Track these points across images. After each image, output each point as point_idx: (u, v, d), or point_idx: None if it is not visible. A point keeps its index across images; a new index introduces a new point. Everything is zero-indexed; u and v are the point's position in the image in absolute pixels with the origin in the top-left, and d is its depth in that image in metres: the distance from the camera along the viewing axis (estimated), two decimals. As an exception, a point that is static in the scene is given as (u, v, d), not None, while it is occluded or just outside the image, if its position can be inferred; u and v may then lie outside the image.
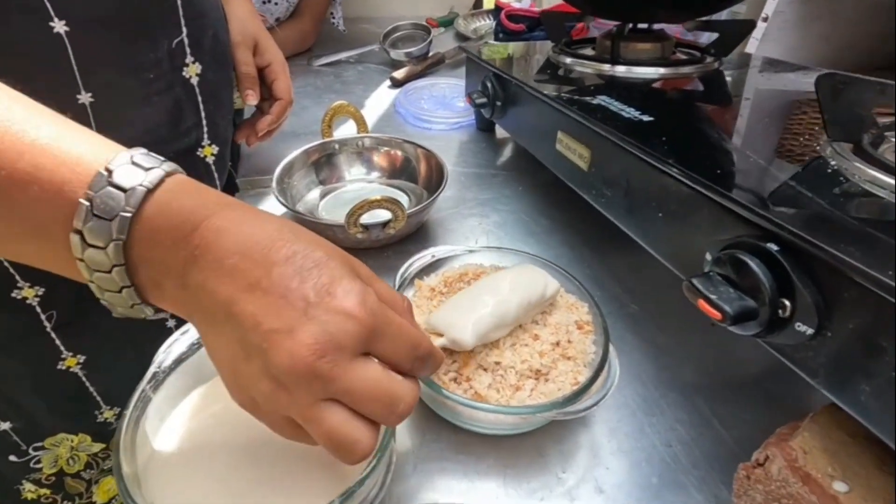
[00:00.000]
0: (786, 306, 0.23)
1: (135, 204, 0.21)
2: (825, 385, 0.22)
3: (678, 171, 0.29)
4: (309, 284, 0.21)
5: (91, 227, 0.20)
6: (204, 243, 0.21)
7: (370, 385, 0.22)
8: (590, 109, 0.39)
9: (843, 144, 0.30)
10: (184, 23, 0.40)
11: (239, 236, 0.22)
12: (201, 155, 0.46)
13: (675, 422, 0.34)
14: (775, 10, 0.80)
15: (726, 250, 0.25)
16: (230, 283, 0.21)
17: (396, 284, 0.38)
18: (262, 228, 0.22)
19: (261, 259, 0.21)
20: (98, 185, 0.21)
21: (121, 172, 0.21)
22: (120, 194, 0.21)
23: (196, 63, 0.42)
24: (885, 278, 0.19)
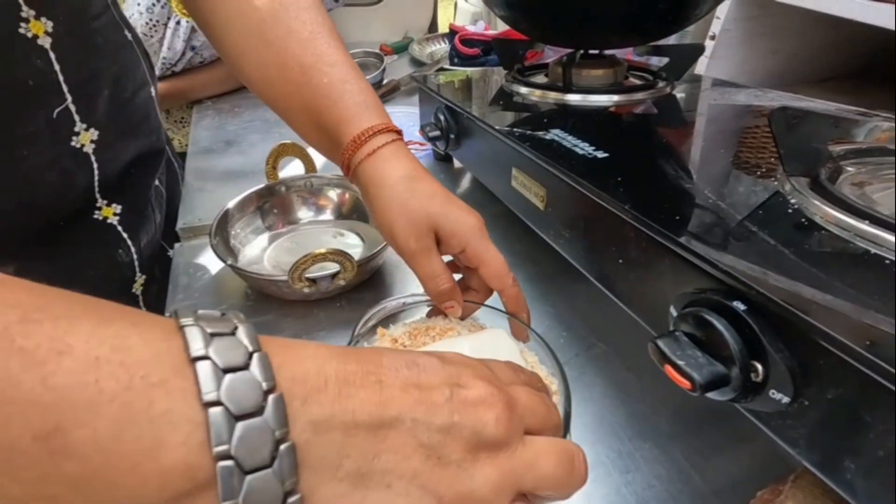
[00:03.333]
0: (758, 370, 0.21)
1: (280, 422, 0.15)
2: (807, 458, 0.20)
3: (635, 218, 0.27)
4: (419, 358, 0.19)
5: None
6: (277, 364, 0.15)
7: (532, 394, 0.21)
8: (543, 146, 0.37)
9: (801, 179, 0.29)
10: (67, 90, 0.36)
11: (308, 351, 0.17)
12: (98, 217, 0.41)
13: (653, 478, 0.32)
14: (722, 28, 0.82)
15: (690, 307, 0.23)
16: (351, 395, 0.16)
17: (358, 330, 0.35)
18: (318, 347, 0.18)
19: (357, 361, 0.17)
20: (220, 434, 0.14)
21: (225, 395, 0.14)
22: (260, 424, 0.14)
23: (90, 130, 0.38)
24: (862, 350, 0.17)
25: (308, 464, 0.15)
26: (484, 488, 0.17)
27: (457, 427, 0.17)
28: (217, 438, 0.13)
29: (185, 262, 0.49)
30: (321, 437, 0.15)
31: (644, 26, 0.48)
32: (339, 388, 0.16)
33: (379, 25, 1.17)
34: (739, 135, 0.40)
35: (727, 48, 0.85)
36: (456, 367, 0.19)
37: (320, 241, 0.49)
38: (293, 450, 0.14)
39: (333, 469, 0.15)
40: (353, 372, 0.17)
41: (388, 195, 0.34)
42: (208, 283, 0.46)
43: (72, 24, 0.36)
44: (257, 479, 0.14)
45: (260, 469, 0.14)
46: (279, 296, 0.43)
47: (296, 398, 0.15)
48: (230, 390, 0.14)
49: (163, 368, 0.14)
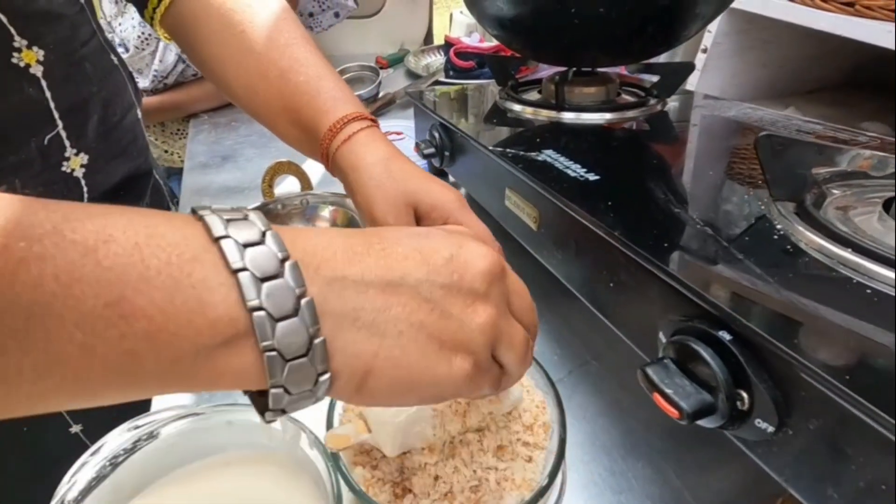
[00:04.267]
0: (744, 399, 0.21)
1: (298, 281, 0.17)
2: (792, 485, 0.21)
3: (624, 244, 0.28)
4: (423, 230, 0.21)
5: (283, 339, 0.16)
6: (290, 239, 0.18)
7: (523, 288, 0.24)
8: (536, 168, 0.38)
9: (787, 204, 0.29)
10: (57, 116, 0.36)
11: (320, 235, 0.19)
12: None
13: (646, 498, 0.32)
14: (713, 41, 0.83)
15: (678, 335, 0.24)
16: (360, 259, 0.19)
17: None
18: (332, 230, 0.21)
19: (362, 234, 0.20)
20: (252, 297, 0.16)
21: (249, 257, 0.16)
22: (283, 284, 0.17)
23: (80, 154, 0.38)
24: (842, 385, 0.18)
25: (328, 314, 0.17)
26: (477, 335, 0.20)
27: (456, 284, 0.20)
28: (248, 295, 0.16)
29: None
30: (336, 293, 0.18)
31: (635, 46, 0.49)
32: (348, 256, 0.19)
33: (375, 37, 1.17)
34: (729, 155, 0.41)
35: (718, 61, 0.86)
36: (460, 234, 0.22)
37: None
38: (312, 303, 0.17)
39: (351, 319, 0.18)
40: (359, 243, 0.19)
41: (366, 177, 0.35)
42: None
43: (62, 52, 0.37)
44: (286, 325, 0.16)
45: (287, 318, 0.16)
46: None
47: (309, 266, 0.18)
48: (252, 260, 0.16)
49: (193, 247, 0.16)
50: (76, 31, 0.39)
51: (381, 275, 0.19)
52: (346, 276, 0.18)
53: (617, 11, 0.43)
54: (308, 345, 0.17)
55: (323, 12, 0.97)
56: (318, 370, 0.17)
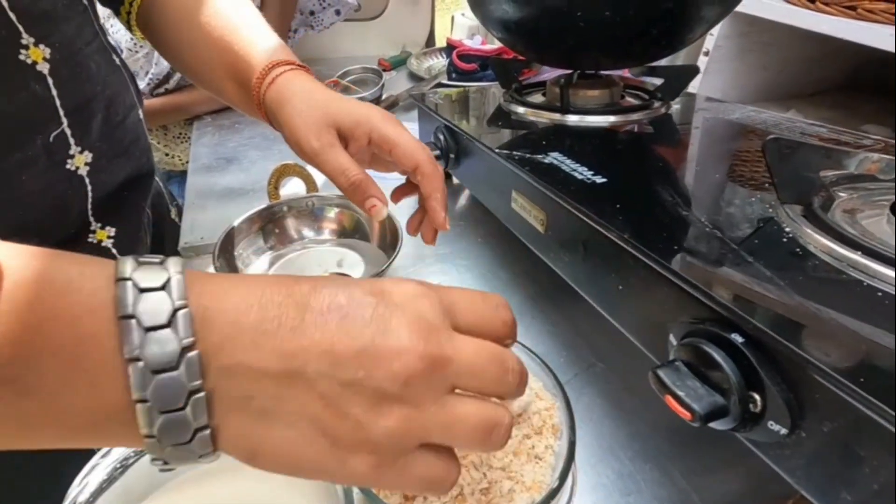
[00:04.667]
0: (756, 401, 0.22)
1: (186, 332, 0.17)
2: (804, 487, 0.21)
3: (633, 246, 0.28)
4: (358, 293, 0.19)
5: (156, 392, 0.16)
6: (201, 313, 0.17)
7: (480, 349, 0.20)
8: (542, 171, 0.38)
9: (794, 207, 0.29)
10: (63, 113, 0.36)
11: (241, 292, 0.18)
12: (93, 240, 0.42)
13: (654, 500, 0.33)
14: (715, 44, 0.84)
15: (689, 337, 0.24)
16: (265, 340, 0.17)
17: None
18: (259, 280, 0.19)
19: (286, 301, 0.18)
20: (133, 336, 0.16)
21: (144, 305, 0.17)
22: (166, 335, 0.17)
23: (84, 152, 0.39)
24: (856, 387, 0.18)
25: (220, 400, 0.17)
26: (381, 439, 0.18)
27: (360, 382, 0.18)
28: (135, 388, 0.16)
29: (186, 283, 0.49)
30: (231, 381, 0.17)
31: (639, 49, 0.49)
32: (253, 337, 0.18)
33: (377, 39, 1.18)
34: (734, 157, 0.41)
35: (719, 64, 0.87)
36: (389, 312, 0.19)
37: (322, 261, 0.49)
38: (203, 399, 0.17)
39: (243, 405, 0.17)
40: (273, 318, 0.18)
41: (289, 109, 0.36)
42: (211, 303, 0.47)
43: (67, 51, 0.37)
44: (171, 417, 0.16)
45: (174, 411, 0.16)
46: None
47: (210, 347, 0.17)
48: (149, 351, 0.16)
49: (96, 322, 0.16)
50: (80, 30, 0.39)
51: (279, 363, 0.17)
52: (244, 362, 0.17)
53: (622, 14, 0.44)
54: (192, 435, 0.17)
55: (324, 10, 0.97)
56: (199, 454, 0.17)
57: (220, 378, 0.17)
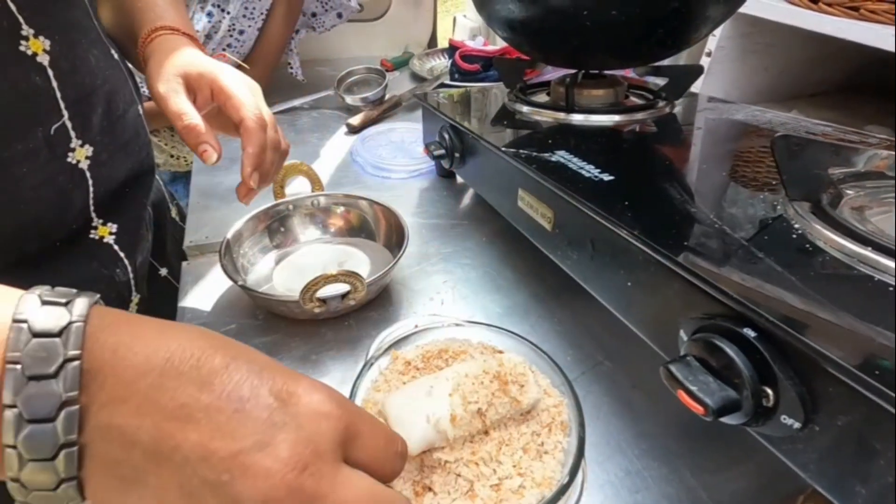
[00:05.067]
0: (769, 396, 0.22)
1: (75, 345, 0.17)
2: (817, 481, 0.21)
3: (644, 242, 0.28)
4: (265, 389, 0.18)
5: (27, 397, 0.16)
6: (97, 366, 0.17)
7: (364, 495, 0.18)
8: (550, 169, 0.38)
9: (803, 204, 0.29)
10: (64, 106, 0.37)
11: (149, 349, 0.18)
12: (95, 237, 0.42)
13: (662, 497, 0.32)
14: (717, 45, 0.84)
15: (701, 332, 0.24)
16: (151, 410, 0.17)
17: (370, 353, 0.36)
18: (179, 336, 0.18)
19: (191, 372, 0.17)
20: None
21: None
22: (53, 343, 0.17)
23: (85, 146, 0.39)
24: (871, 379, 0.18)
25: (91, 456, 0.17)
26: None
27: (222, 486, 0.17)
28: (6, 436, 0.16)
29: (192, 282, 0.49)
30: (104, 440, 0.17)
31: (645, 49, 0.49)
32: (142, 401, 0.17)
33: (379, 40, 1.18)
34: (740, 156, 0.41)
35: (721, 64, 0.87)
36: (282, 423, 0.18)
37: (328, 259, 0.49)
38: (73, 454, 0.16)
39: (110, 466, 0.17)
40: (169, 388, 0.17)
41: (152, 62, 0.40)
42: (217, 301, 0.47)
43: (67, 43, 0.37)
44: (37, 466, 0.16)
45: (41, 460, 0.16)
46: (288, 315, 0.43)
47: (97, 402, 0.17)
48: (26, 400, 0.16)
49: None
50: (80, 22, 0.39)
51: (153, 439, 0.17)
52: (122, 427, 0.17)
53: (628, 14, 0.44)
54: (57, 484, 0.17)
55: (326, 13, 0.97)
56: (66, 502, 0.17)
57: (96, 435, 0.17)
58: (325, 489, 0.17)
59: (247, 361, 0.19)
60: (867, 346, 0.20)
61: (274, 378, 0.19)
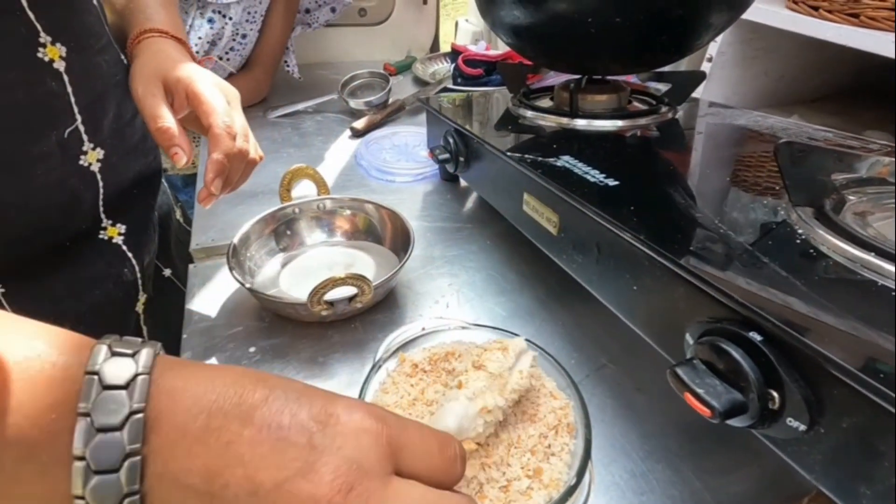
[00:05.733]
0: (775, 398, 0.22)
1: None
2: (823, 483, 0.21)
3: (649, 247, 0.28)
4: (304, 415, 0.18)
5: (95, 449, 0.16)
6: (155, 414, 0.17)
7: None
8: (555, 174, 0.39)
9: (806, 210, 0.30)
10: (77, 111, 0.38)
11: (199, 391, 0.18)
12: (104, 237, 0.43)
13: (667, 499, 0.33)
14: (718, 50, 0.85)
15: (707, 336, 0.24)
16: (201, 452, 0.17)
17: (378, 355, 0.36)
18: (224, 376, 0.19)
19: (233, 410, 0.18)
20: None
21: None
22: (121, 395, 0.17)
23: (97, 149, 0.40)
24: (874, 381, 0.18)
25: (150, 501, 0.17)
26: None
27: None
28: (75, 486, 0.16)
29: (199, 284, 0.50)
30: (160, 486, 0.17)
31: (648, 55, 0.50)
32: (193, 444, 0.17)
33: (382, 45, 1.19)
34: (743, 161, 0.41)
35: (722, 70, 0.88)
36: (323, 447, 0.18)
37: (334, 262, 0.50)
38: (137, 500, 0.17)
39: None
40: (215, 429, 0.18)
41: (136, 63, 0.41)
42: (223, 304, 0.47)
43: (81, 49, 0.38)
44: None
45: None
46: (295, 318, 0.43)
47: (155, 450, 0.17)
48: (95, 451, 0.16)
49: (52, 423, 0.17)
50: (93, 28, 0.40)
51: (203, 481, 0.17)
52: (174, 472, 0.17)
53: (632, 20, 0.44)
54: None
55: (319, 8, 0.98)
56: None
57: (154, 482, 0.17)
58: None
59: (284, 391, 0.19)
60: (870, 350, 0.20)
61: (311, 402, 0.19)
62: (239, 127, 0.41)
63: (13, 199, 0.35)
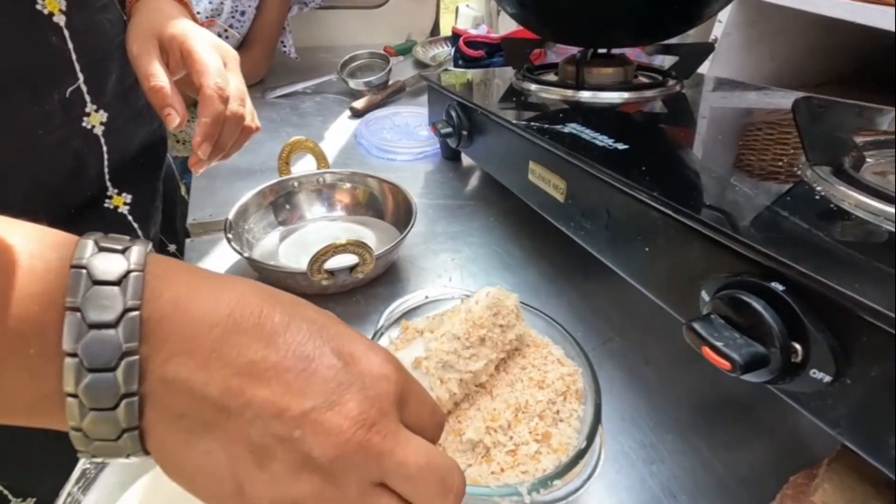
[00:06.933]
0: (797, 350, 0.21)
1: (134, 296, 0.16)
2: (849, 438, 0.21)
3: (664, 203, 0.27)
4: (328, 349, 0.18)
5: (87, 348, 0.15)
6: (157, 317, 0.16)
7: (423, 455, 0.18)
8: (562, 139, 0.38)
9: (824, 168, 0.29)
10: (79, 69, 0.37)
11: (209, 303, 0.17)
12: (109, 206, 0.42)
13: (678, 468, 0.32)
14: (723, 32, 0.83)
15: (725, 290, 0.23)
16: (220, 365, 0.16)
17: (381, 322, 0.35)
18: (235, 290, 0.18)
19: (254, 330, 0.17)
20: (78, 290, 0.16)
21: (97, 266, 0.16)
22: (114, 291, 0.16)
23: (100, 111, 0.39)
24: (911, 323, 0.17)
25: (153, 407, 0.16)
26: (288, 503, 0.17)
27: (293, 441, 0.17)
28: (67, 383, 0.15)
29: (196, 259, 0.49)
30: (168, 393, 0.16)
31: (657, 25, 0.49)
32: (208, 356, 0.17)
33: (382, 28, 1.17)
34: (755, 127, 0.40)
35: (728, 52, 0.86)
36: (349, 383, 0.18)
37: (334, 237, 0.49)
38: (134, 405, 0.16)
39: (173, 419, 0.17)
40: (235, 344, 0.17)
41: (133, 22, 0.39)
42: (221, 278, 0.46)
43: (82, 6, 0.37)
44: (98, 415, 0.16)
45: (103, 409, 0.16)
46: (295, 290, 0.42)
47: (160, 354, 0.16)
48: (87, 346, 0.15)
49: (39, 310, 0.16)
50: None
51: (222, 395, 0.16)
52: (189, 381, 0.16)
53: (641, -13, 0.43)
54: (119, 434, 0.16)
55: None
56: (127, 452, 0.17)
57: (159, 387, 0.16)
58: (389, 446, 0.17)
59: (305, 320, 0.18)
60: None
61: (333, 338, 0.19)
62: (234, 90, 0.39)
63: (16, 160, 0.35)
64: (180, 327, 0.17)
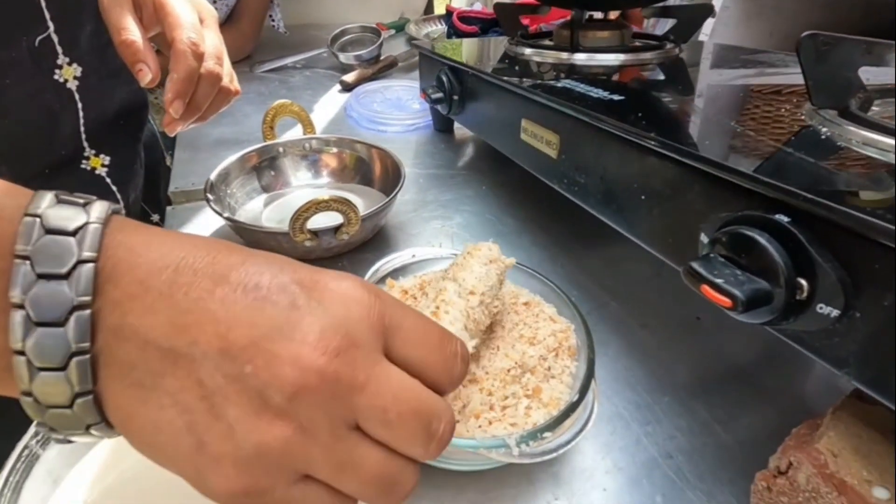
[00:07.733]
0: (802, 287, 0.20)
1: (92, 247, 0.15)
2: (856, 376, 0.19)
3: (662, 144, 0.26)
4: (286, 278, 0.16)
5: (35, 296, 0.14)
6: (110, 266, 0.15)
7: (405, 392, 0.16)
8: (555, 92, 0.36)
9: (829, 111, 0.28)
10: (49, 17, 0.35)
11: (165, 248, 0.16)
12: (86, 167, 0.41)
13: (674, 429, 0.31)
14: (722, 5, 0.82)
15: (726, 227, 0.22)
16: (165, 306, 0.15)
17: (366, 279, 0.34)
18: (196, 240, 0.16)
19: (206, 268, 0.16)
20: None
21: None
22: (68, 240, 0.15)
23: (73, 65, 0.37)
24: (930, 242, 0.16)
25: (106, 364, 0.15)
26: (251, 456, 0.15)
27: (245, 379, 0.15)
28: (14, 338, 0.14)
29: (177, 225, 0.47)
30: (117, 343, 0.15)
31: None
32: (156, 298, 0.15)
33: (374, 6, 1.15)
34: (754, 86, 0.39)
35: (726, 28, 0.85)
36: (309, 308, 0.16)
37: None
38: (85, 362, 0.15)
39: (125, 373, 0.15)
40: (183, 284, 0.15)
41: None
42: (202, 244, 0.44)
43: None
44: (48, 376, 0.14)
45: (52, 370, 0.14)
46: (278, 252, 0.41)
47: (108, 303, 0.15)
48: (35, 298, 0.14)
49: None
50: None
51: (167, 336, 0.15)
52: (134, 325, 0.15)
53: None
54: (71, 399, 0.15)
55: None
56: (86, 422, 0.15)
57: (109, 338, 0.15)
58: (360, 379, 0.15)
59: (265, 257, 0.17)
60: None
61: (296, 269, 0.17)
62: (210, 47, 0.37)
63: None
64: (132, 272, 0.15)
